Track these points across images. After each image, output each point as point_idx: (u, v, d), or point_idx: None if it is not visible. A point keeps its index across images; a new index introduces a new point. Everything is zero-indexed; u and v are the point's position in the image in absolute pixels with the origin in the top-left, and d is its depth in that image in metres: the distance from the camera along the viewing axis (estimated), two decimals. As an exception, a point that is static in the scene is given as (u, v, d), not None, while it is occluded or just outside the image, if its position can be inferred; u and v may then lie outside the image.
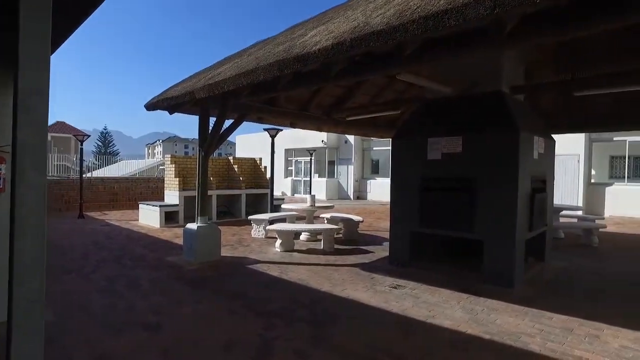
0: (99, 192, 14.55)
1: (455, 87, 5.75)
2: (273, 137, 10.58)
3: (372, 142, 21.29)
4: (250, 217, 9.06)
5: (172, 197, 10.94)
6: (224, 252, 7.01)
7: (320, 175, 22.77)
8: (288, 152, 24.04)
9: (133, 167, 25.29)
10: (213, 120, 6.35)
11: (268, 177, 12.25)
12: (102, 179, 15.18)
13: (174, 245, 7.68)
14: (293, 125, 8.70)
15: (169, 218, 10.42)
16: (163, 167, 14.83)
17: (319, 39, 3.73)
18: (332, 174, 22.52)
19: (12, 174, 1.75)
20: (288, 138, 22.54)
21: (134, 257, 6.69)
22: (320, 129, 9.64)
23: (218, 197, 11.53)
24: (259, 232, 8.76)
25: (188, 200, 10.57)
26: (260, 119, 7.94)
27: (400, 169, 6.20)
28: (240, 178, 12.39)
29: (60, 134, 36.40)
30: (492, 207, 5.13)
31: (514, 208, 4.96)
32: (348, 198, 21.18)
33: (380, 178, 20.88)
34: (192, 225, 6.41)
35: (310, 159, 18.02)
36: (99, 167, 24.32)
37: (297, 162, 23.77)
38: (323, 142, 21.58)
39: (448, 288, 5.00)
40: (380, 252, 7.24)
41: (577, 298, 4.74)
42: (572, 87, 5.64)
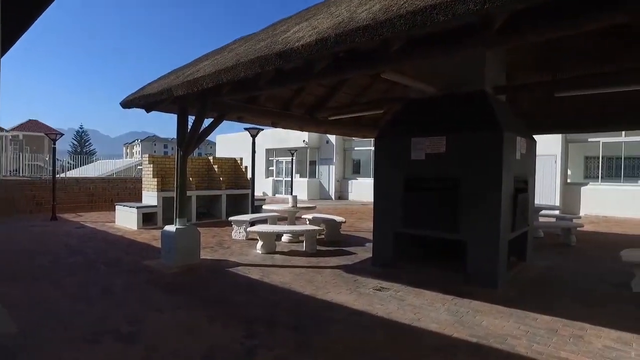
0: (74, 192, 14.08)
1: (439, 86, 5.71)
2: (254, 136, 10.39)
3: (353, 142, 21.27)
4: (231, 218, 8.86)
5: (150, 198, 10.65)
6: (204, 254, 6.81)
7: (302, 176, 22.64)
8: (269, 152, 23.82)
9: (110, 167, 24.63)
10: (192, 119, 6.15)
11: (249, 177, 12.06)
12: (76, 180, 14.69)
13: (152, 248, 7.43)
14: (275, 125, 8.55)
15: (147, 219, 10.14)
16: (141, 167, 14.45)
17: (302, 35, 3.60)
18: (313, 174, 22.41)
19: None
20: (269, 138, 22.34)
21: (109, 261, 6.43)
22: (303, 129, 9.52)
23: (198, 197, 11.30)
24: (240, 233, 8.58)
25: (167, 201, 10.30)
26: (241, 118, 7.75)
27: (384, 169, 6.12)
28: (221, 178, 12.19)
29: (33, 133, 35.19)
30: (476, 207, 5.11)
31: (498, 208, 4.94)
32: (329, 198, 21.11)
33: (362, 178, 20.89)
34: (170, 228, 6.20)
35: (292, 159, 17.87)
36: (75, 167, 23.59)
37: (278, 162, 23.57)
38: (304, 142, 21.45)
39: (432, 290, 4.94)
40: (363, 253, 7.16)
41: (559, 298, 4.75)
42: (553, 87, 5.67)
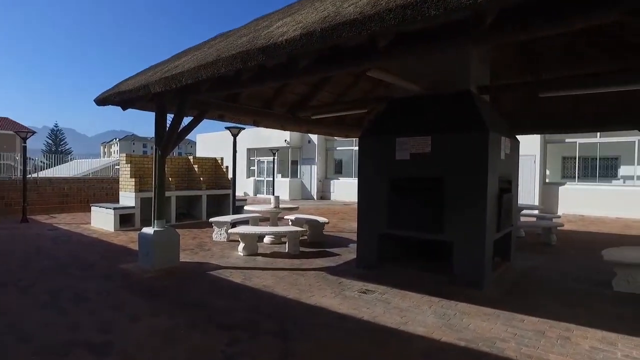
0: (47, 193, 13.54)
1: (424, 85, 5.65)
2: (235, 135, 10.17)
3: (335, 142, 21.19)
4: (212, 219, 8.64)
5: (127, 198, 10.33)
6: (184, 257, 6.59)
7: (283, 176, 22.44)
8: (250, 151, 23.53)
9: (85, 166, 23.88)
10: (171, 117, 5.93)
11: (230, 177, 11.83)
12: (50, 180, 14.13)
13: (129, 251, 7.16)
14: (256, 124, 8.38)
15: (125, 221, 9.81)
16: (119, 167, 14.02)
17: (286, 30, 3.46)
18: (295, 174, 22.24)
19: None
20: (250, 137, 22.07)
21: (83, 265, 6.15)
22: (285, 128, 9.36)
23: (177, 198, 11.04)
24: (221, 235, 8.37)
25: (145, 202, 10.00)
26: (222, 117, 7.55)
27: (368, 169, 6.03)
28: (201, 178, 11.94)
29: (4, 131, 33.90)
30: (461, 208, 5.05)
31: (484, 209, 4.90)
32: (311, 198, 20.98)
33: (344, 178, 20.83)
34: (148, 230, 5.96)
35: (273, 159, 17.64)
36: (49, 166, 22.79)
37: (259, 162, 23.31)
38: (286, 141, 21.25)
39: (418, 291, 4.87)
40: (347, 254, 7.05)
41: (544, 298, 4.74)
42: (537, 88, 5.67)
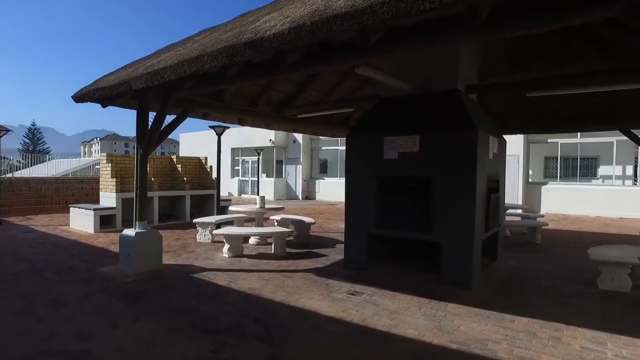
0: (23, 194, 13.08)
1: (413, 83, 5.59)
2: (219, 134, 9.98)
3: (320, 141, 21.10)
4: (196, 220, 8.44)
5: (108, 199, 10.04)
6: (166, 259, 6.40)
7: (268, 175, 22.24)
8: (235, 151, 23.25)
9: (64, 166, 23.27)
10: (154, 115, 5.74)
11: (214, 177, 11.63)
12: (26, 180, 13.68)
13: (110, 254, 6.92)
14: (241, 122, 8.22)
15: (105, 222, 9.53)
16: (99, 166, 13.66)
17: (274, 24, 3.34)
18: (280, 174, 22.07)
19: None
20: (235, 137, 21.81)
21: (61, 269, 5.91)
22: (270, 127, 9.22)
23: (160, 198, 10.77)
24: (205, 236, 8.18)
25: (126, 203, 9.72)
26: (206, 115, 7.38)
27: (356, 169, 5.95)
28: (184, 178, 11.70)
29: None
30: (450, 208, 5.01)
31: (472, 209, 4.86)
32: (296, 198, 20.85)
33: (329, 178, 20.75)
34: (129, 231, 5.76)
35: (258, 159, 17.44)
36: (25, 166, 22.13)
37: (244, 161, 23.05)
38: (271, 141, 21.07)
39: (408, 293, 4.80)
40: (334, 255, 6.96)
41: (533, 298, 4.73)
42: (525, 87, 5.67)
